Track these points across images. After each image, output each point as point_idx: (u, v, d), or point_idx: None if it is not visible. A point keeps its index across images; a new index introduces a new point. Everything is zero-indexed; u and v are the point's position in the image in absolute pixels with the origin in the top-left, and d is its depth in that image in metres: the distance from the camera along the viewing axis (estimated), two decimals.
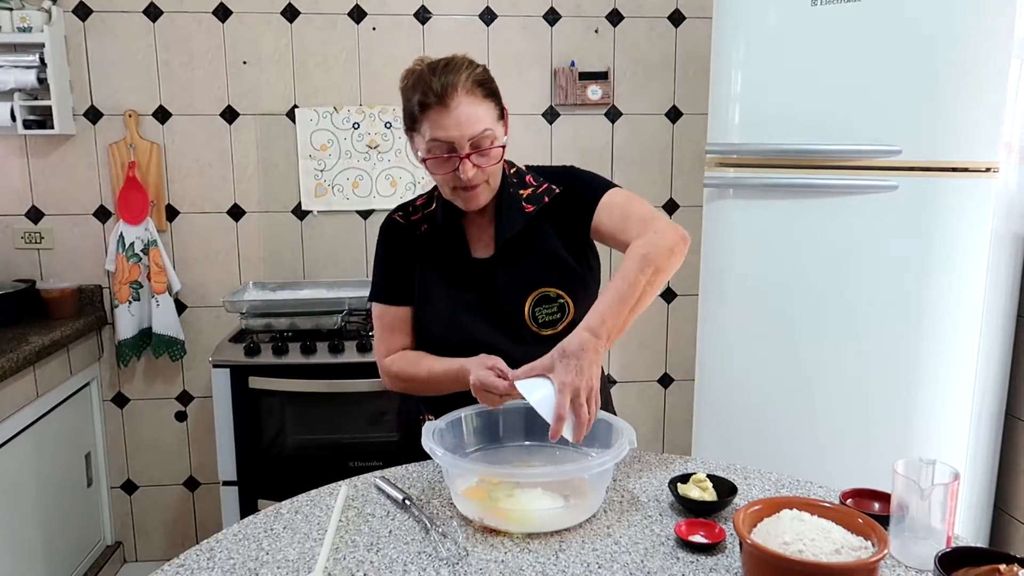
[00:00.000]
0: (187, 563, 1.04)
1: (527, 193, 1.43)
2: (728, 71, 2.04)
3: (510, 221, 1.40)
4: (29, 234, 2.58)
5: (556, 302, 1.39)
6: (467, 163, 1.29)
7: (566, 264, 1.41)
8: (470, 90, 1.28)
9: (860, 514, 0.98)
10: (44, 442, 2.31)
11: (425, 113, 1.29)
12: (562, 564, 1.02)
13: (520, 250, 1.41)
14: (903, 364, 1.86)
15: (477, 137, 1.28)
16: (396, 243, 1.48)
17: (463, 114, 1.27)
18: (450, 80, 1.27)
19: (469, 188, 1.33)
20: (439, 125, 1.27)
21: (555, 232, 1.42)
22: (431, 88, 1.27)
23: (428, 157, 1.31)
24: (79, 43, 2.50)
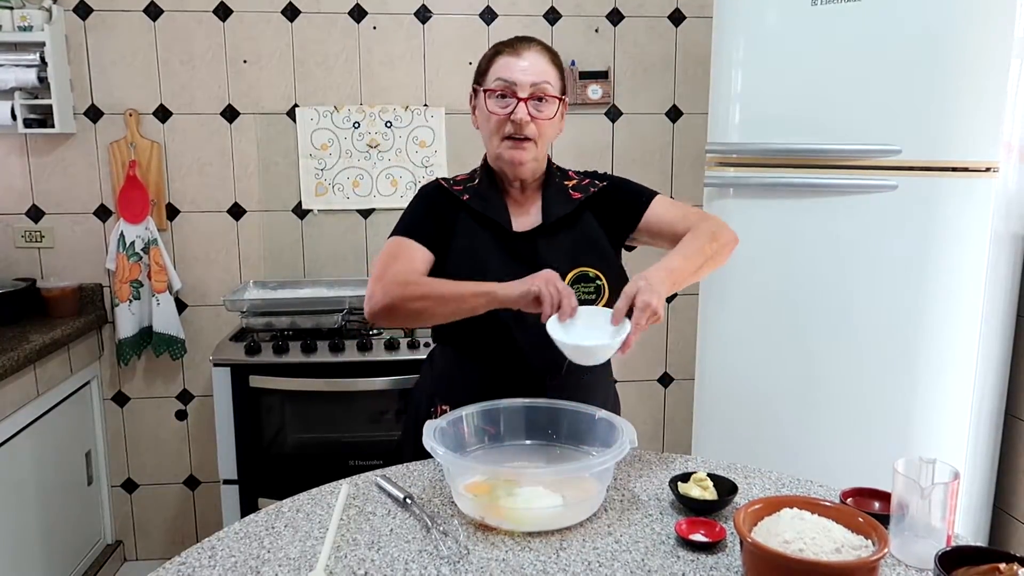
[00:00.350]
0: (188, 561, 1.04)
1: (572, 183, 1.51)
2: (728, 70, 2.04)
3: (559, 201, 1.46)
4: (29, 233, 2.58)
5: (594, 282, 1.42)
6: (523, 105, 1.37)
7: (607, 251, 1.46)
8: (542, 50, 1.41)
9: (861, 513, 0.98)
10: (44, 441, 2.32)
11: (495, 59, 1.41)
12: (563, 563, 1.02)
13: (563, 229, 1.45)
14: (903, 363, 1.87)
15: (539, 85, 1.38)
16: (436, 202, 1.48)
17: (532, 63, 1.38)
18: (523, 40, 1.42)
19: (518, 142, 1.39)
20: (506, 67, 1.38)
21: (596, 221, 1.48)
22: (507, 42, 1.42)
23: (490, 97, 1.39)
24: (80, 42, 2.50)
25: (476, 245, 1.44)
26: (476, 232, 1.45)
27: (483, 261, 1.42)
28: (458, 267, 1.42)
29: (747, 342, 2.06)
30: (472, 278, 1.36)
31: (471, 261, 1.42)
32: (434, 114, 2.62)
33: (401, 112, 2.61)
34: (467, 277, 1.38)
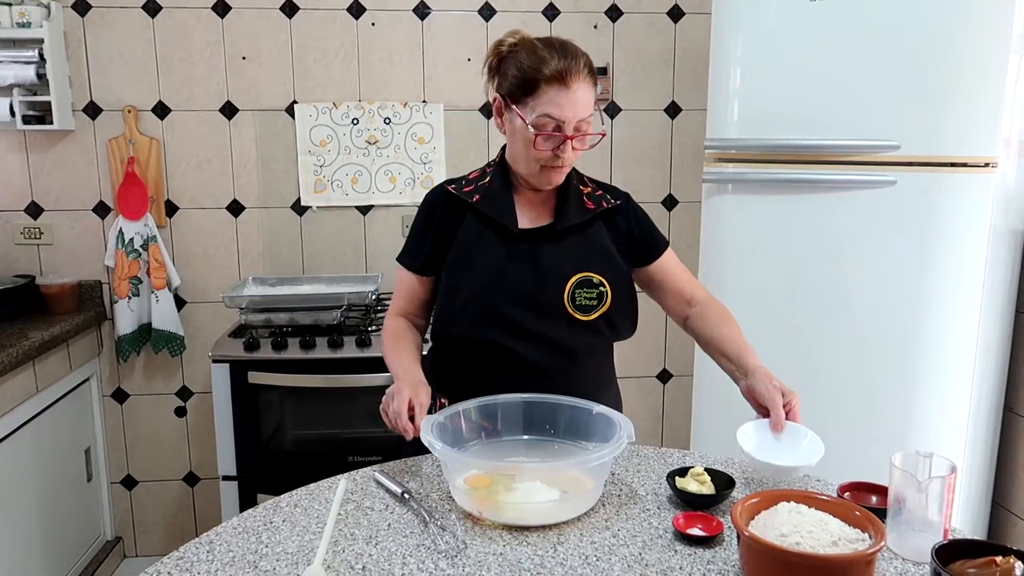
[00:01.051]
0: (187, 555, 1.04)
1: (587, 191, 1.48)
2: (727, 67, 2.04)
3: (574, 208, 1.44)
4: (28, 229, 2.58)
5: (597, 288, 1.41)
6: (569, 145, 1.34)
7: (615, 259, 1.45)
8: (586, 76, 1.34)
9: (857, 507, 0.98)
10: (44, 437, 2.32)
11: (542, 87, 1.31)
12: (560, 557, 1.02)
13: (571, 232, 1.44)
14: (901, 359, 1.87)
15: (583, 120, 1.34)
16: (441, 212, 1.47)
17: (581, 98, 1.32)
18: (572, 63, 1.32)
19: (558, 167, 1.37)
20: (556, 103, 1.31)
21: (609, 235, 1.47)
22: (553, 65, 1.31)
23: (537, 133, 1.33)
24: (78, 38, 2.50)
25: (477, 245, 1.43)
26: (480, 231, 1.44)
27: (481, 261, 1.42)
28: (455, 267, 1.43)
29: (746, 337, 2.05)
30: (467, 277, 1.41)
31: (472, 261, 1.42)
32: (433, 110, 2.62)
33: (400, 108, 2.61)
34: (462, 276, 1.42)
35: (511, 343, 1.39)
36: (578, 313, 1.40)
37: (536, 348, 1.39)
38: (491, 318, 1.39)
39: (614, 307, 1.42)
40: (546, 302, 1.39)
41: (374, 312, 2.52)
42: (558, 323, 1.39)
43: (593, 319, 1.40)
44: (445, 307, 1.45)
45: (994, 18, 1.75)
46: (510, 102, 1.37)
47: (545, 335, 1.39)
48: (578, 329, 1.40)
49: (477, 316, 1.40)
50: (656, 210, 2.77)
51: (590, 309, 1.40)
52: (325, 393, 2.27)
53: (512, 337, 1.39)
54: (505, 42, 1.39)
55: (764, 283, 2.02)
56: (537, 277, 1.40)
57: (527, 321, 1.39)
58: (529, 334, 1.39)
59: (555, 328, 1.39)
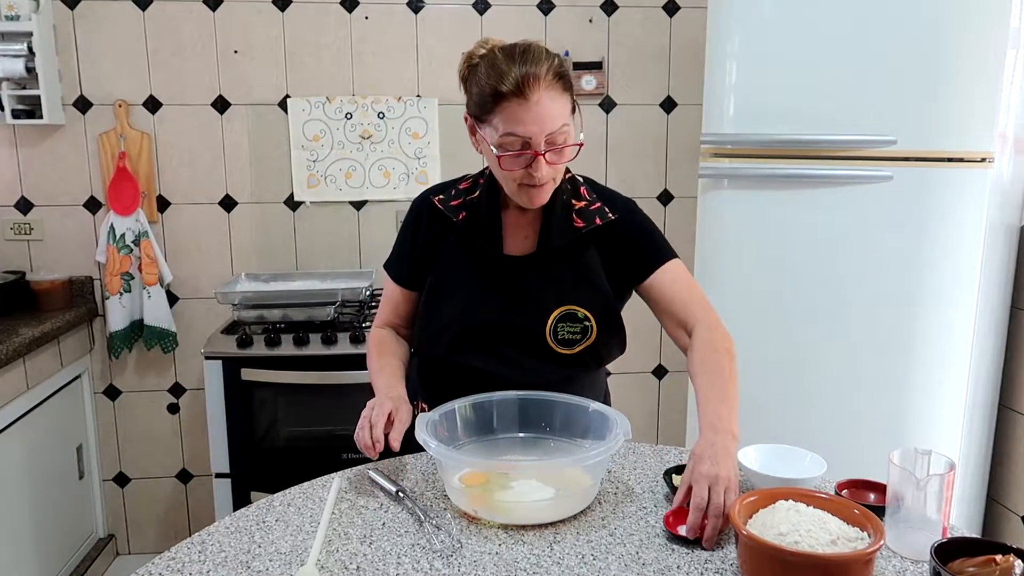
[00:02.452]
0: (178, 556, 1.03)
1: (580, 206, 1.36)
2: (723, 61, 2.03)
3: (559, 229, 1.34)
4: (18, 225, 2.55)
5: (582, 323, 1.33)
6: (542, 161, 1.22)
7: (603, 289, 1.35)
8: (551, 83, 1.20)
9: (856, 505, 0.97)
10: (35, 435, 2.30)
11: (500, 104, 1.20)
12: (556, 556, 1.02)
13: (559, 260, 1.35)
14: (898, 354, 1.87)
15: (555, 133, 1.22)
16: (426, 226, 1.41)
17: (544, 110, 1.19)
18: (531, 71, 1.18)
19: (536, 185, 1.26)
20: (517, 119, 1.19)
21: (599, 256, 1.37)
22: (509, 78, 1.18)
23: (502, 153, 1.23)
24: (68, 32, 2.47)
25: (458, 268, 1.37)
26: (462, 253, 1.37)
27: (465, 285, 1.36)
28: (439, 289, 1.39)
29: (741, 333, 2.03)
30: (447, 304, 1.37)
31: (453, 284, 1.38)
32: (427, 105, 2.60)
33: (394, 103, 2.59)
34: (442, 303, 1.37)
35: (493, 367, 1.34)
36: (560, 348, 1.33)
37: (520, 372, 1.33)
38: (471, 345, 1.35)
39: (599, 339, 1.34)
40: (527, 334, 1.33)
41: (368, 308, 2.51)
42: (540, 355, 1.33)
43: (576, 352, 1.34)
44: (424, 329, 1.41)
45: (991, 12, 1.75)
46: (476, 122, 1.27)
47: (526, 364, 1.33)
48: (561, 363, 1.33)
49: (456, 342, 1.36)
50: (651, 205, 2.76)
51: (573, 343, 1.34)
52: (319, 390, 2.25)
53: (494, 362, 1.34)
54: (474, 54, 1.28)
55: (760, 278, 2.01)
56: (518, 307, 1.34)
57: (507, 350, 1.34)
58: (510, 361, 1.34)
59: (537, 361, 1.33)
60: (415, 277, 1.43)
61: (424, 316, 1.41)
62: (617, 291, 1.38)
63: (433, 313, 1.39)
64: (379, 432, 1.21)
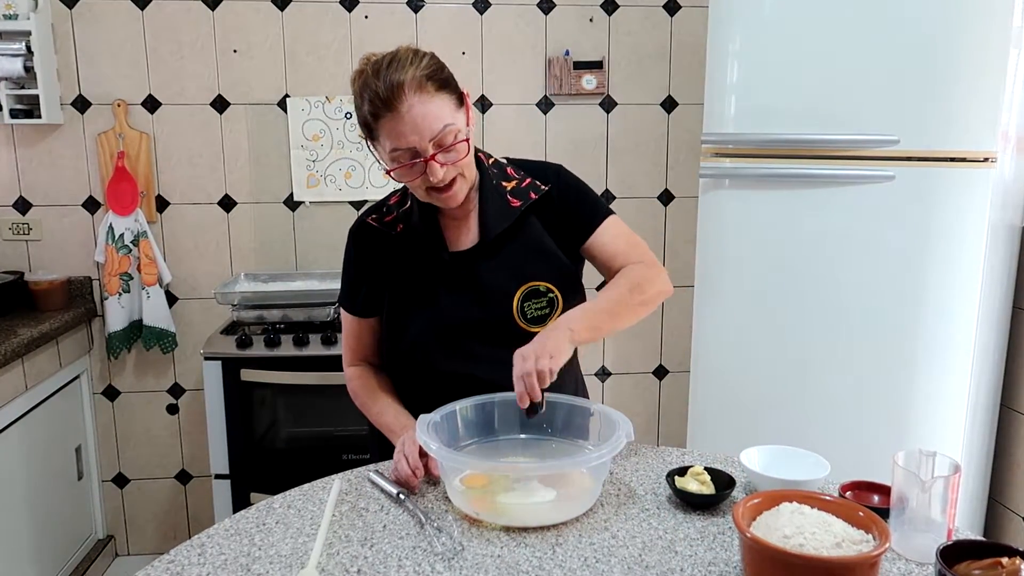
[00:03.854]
0: (177, 559, 1.02)
1: (511, 186, 1.37)
2: (724, 60, 2.03)
3: (497, 214, 1.33)
4: (17, 225, 2.54)
5: (546, 296, 1.33)
6: (434, 165, 1.21)
7: (556, 257, 1.35)
8: (419, 87, 1.18)
9: (861, 507, 0.96)
10: (34, 435, 2.29)
11: (379, 122, 1.21)
12: (559, 559, 1.01)
13: (505, 242, 1.34)
14: (899, 355, 1.86)
15: (438, 136, 1.20)
16: (367, 249, 1.40)
17: (417, 116, 1.18)
18: (395, 80, 1.17)
19: (444, 188, 1.26)
20: (395, 133, 1.19)
21: (543, 227, 1.36)
22: (377, 94, 1.18)
23: (394, 167, 1.23)
24: (66, 31, 2.46)
25: (411, 280, 1.36)
26: (412, 264, 1.36)
27: (423, 294, 1.35)
28: (399, 306, 1.37)
29: (743, 334, 2.05)
30: (410, 317, 1.36)
31: (411, 296, 1.36)
32: None
33: None
34: (405, 318, 1.36)
35: (471, 369, 1.33)
36: (533, 326, 1.32)
37: (496, 369, 1.29)
38: (443, 352, 1.34)
39: (567, 309, 1.32)
40: (496, 323, 1.33)
41: None
42: (514, 342, 1.28)
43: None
44: (394, 348, 1.40)
45: (993, 11, 1.74)
46: (371, 145, 1.28)
47: (501, 357, 1.28)
48: None
49: (428, 352, 1.35)
50: (652, 205, 2.75)
51: (543, 319, 1.33)
52: (319, 390, 2.24)
53: (469, 363, 1.33)
54: (357, 72, 1.25)
55: (761, 279, 2.01)
56: (480, 300, 1.33)
57: (481, 348, 1.33)
58: (486, 357, 1.32)
59: (511, 347, 1.28)
60: (369, 303, 1.41)
61: (390, 336, 1.40)
62: (570, 256, 1.38)
63: (398, 330, 1.38)
64: (415, 459, 1.19)
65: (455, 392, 1.29)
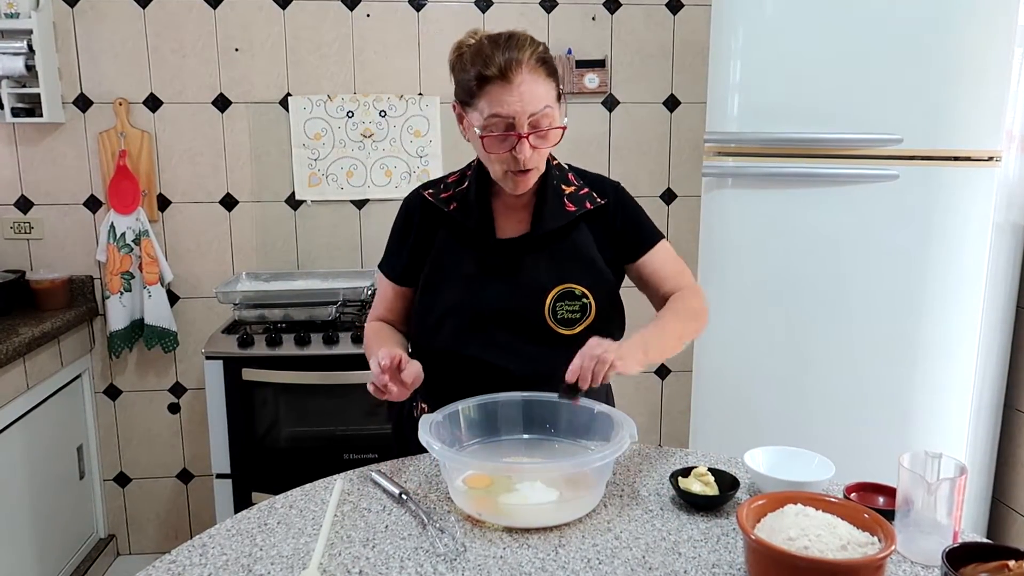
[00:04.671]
0: (179, 559, 1.02)
1: (569, 191, 1.40)
2: (727, 59, 2.02)
3: (552, 212, 1.36)
4: (18, 224, 2.54)
5: (580, 300, 1.34)
6: (525, 144, 1.25)
7: (598, 267, 1.37)
8: (534, 67, 1.24)
9: (866, 509, 0.96)
10: (35, 435, 2.29)
11: (484, 88, 1.24)
12: (562, 560, 1.00)
13: (553, 240, 1.37)
14: (903, 355, 1.85)
15: (538, 115, 1.25)
16: (417, 220, 1.42)
17: (526, 91, 1.23)
18: (514, 56, 1.23)
19: (520, 172, 1.29)
20: (500, 101, 1.23)
21: (592, 236, 1.39)
22: (493, 62, 1.23)
23: (486, 135, 1.26)
24: (68, 29, 2.46)
25: (453, 257, 1.37)
26: (456, 243, 1.38)
27: (460, 274, 1.37)
28: (435, 280, 1.39)
29: (746, 333, 2.04)
30: (443, 294, 1.37)
31: (448, 273, 1.38)
32: (429, 103, 2.59)
33: (395, 101, 2.58)
34: (439, 293, 1.38)
35: (492, 356, 1.33)
36: (561, 327, 1.33)
37: (520, 361, 1.33)
38: (469, 333, 1.34)
39: (599, 318, 1.34)
40: (526, 317, 1.33)
41: (369, 308, 2.49)
42: (540, 339, 1.32)
43: (577, 332, 1.33)
44: (422, 321, 1.40)
45: (998, 10, 1.73)
46: (463, 108, 1.31)
47: (527, 352, 1.32)
48: (561, 344, 1.30)
49: (455, 331, 1.35)
50: (654, 204, 2.74)
51: (573, 323, 1.34)
52: (320, 390, 2.24)
53: (493, 351, 1.33)
54: (463, 44, 1.31)
55: (764, 278, 2.00)
56: (515, 291, 1.34)
57: (507, 337, 1.33)
58: (506, 346, 1.33)
59: (537, 344, 1.32)
60: (409, 273, 1.43)
61: (421, 308, 1.40)
62: (613, 270, 1.41)
63: (430, 304, 1.39)
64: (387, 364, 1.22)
65: (468, 374, 1.32)
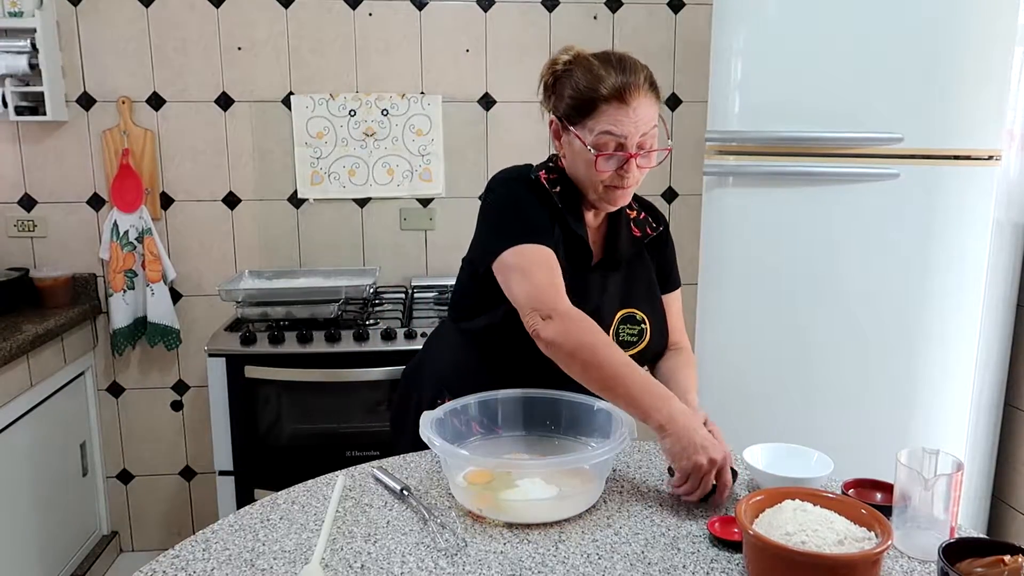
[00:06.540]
0: (182, 554, 1.02)
1: (632, 215, 1.46)
2: (728, 58, 2.02)
3: (626, 238, 1.42)
4: (22, 222, 2.55)
5: (639, 325, 1.40)
6: (633, 163, 1.29)
7: (655, 292, 1.44)
8: (647, 91, 1.29)
9: (864, 504, 0.97)
10: (39, 432, 2.30)
11: (600, 107, 1.27)
12: (562, 555, 1.01)
13: (620, 264, 1.42)
14: (903, 353, 1.86)
15: (646, 136, 1.29)
16: (542, 200, 1.36)
17: (641, 114, 1.28)
18: (630, 79, 1.27)
19: (622, 188, 1.32)
20: (616, 120, 1.27)
21: (651, 261, 1.46)
22: (609, 83, 1.27)
23: (600, 154, 1.28)
24: (71, 28, 2.47)
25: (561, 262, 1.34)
26: (559, 249, 1.33)
27: None
28: None
29: (746, 331, 2.04)
30: None
31: None
32: (431, 102, 2.59)
33: (398, 100, 2.59)
34: None
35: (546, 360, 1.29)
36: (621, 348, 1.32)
37: None
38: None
39: (651, 342, 1.41)
40: None
41: (372, 306, 2.51)
42: None
43: (631, 356, 1.32)
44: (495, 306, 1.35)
45: (998, 9, 1.73)
46: (567, 124, 1.33)
47: None
48: None
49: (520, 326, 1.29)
50: (656, 203, 2.74)
51: (630, 345, 1.39)
52: (322, 387, 2.25)
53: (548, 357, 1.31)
54: (560, 60, 1.34)
55: (765, 277, 2.00)
56: (593, 312, 1.29)
57: None
58: None
59: None
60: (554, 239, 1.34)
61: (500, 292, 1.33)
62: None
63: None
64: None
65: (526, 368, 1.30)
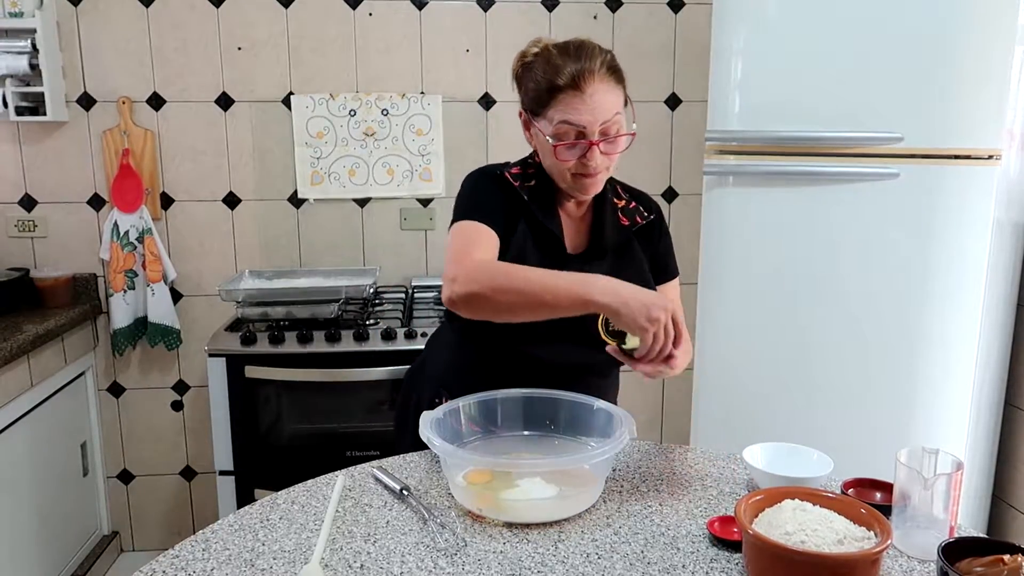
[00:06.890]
0: (182, 553, 1.03)
1: (620, 204, 1.44)
2: (728, 58, 2.02)
3: (612, 227, 1.40)
4: (22, 222, 2.55)
5: None
6: (596, 151, 1.28)
7: (647, 280, 1.40)
8: (604, 76, 1.27)
9: (863, 504, 0.97)
10: (39, 432, 2.30)
11: (556, 97, 1.27)
12: (561, 554, 1.01)
13: (611, 255, 1.40)
14: (903, 352, 1.86)
15: (608, 123, 1.27)
16: (502, 193, 1.38)
17: (598, 100, 1.26)
18: (585, 66, 1.26)
19: (590, 175, 1.31)
20: (572, 109, 1.26)
21: (641, 250, 1.44)
22: (564, 72, 1.26)
23: (558, 143, 1.28)
24: (71, 28, 2.47)
25: (529, 256, 1.35)
26: (527, 242, 1.36)
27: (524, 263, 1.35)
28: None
29: (746, 331, 2.04)
30: None
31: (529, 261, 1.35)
32: (431, 102, 2.59)
33: (398, 100, 2.59)
34: None
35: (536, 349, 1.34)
36: (609, 337, 1.30)
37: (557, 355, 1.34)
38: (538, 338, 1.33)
39: None
40: (578, 323, 1.31)
41: (372, 306, 2.51)
42: (585, 341, 1.31)
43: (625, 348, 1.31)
44: None
45: (998, 8, 1.73)
46: (531, 116, 1.33)
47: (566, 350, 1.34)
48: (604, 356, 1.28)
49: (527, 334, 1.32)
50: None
51: (622, 335, 1.33)
52: (323, 387, 2.25)
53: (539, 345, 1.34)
54: (528, 53, 1.34)
55: (765, 276, 2.00)
56: None
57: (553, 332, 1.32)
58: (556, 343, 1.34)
59: (581, 345, 1.32)
60: (504, 227, 1.35)
61: None
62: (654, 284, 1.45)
63: None
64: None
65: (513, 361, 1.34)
